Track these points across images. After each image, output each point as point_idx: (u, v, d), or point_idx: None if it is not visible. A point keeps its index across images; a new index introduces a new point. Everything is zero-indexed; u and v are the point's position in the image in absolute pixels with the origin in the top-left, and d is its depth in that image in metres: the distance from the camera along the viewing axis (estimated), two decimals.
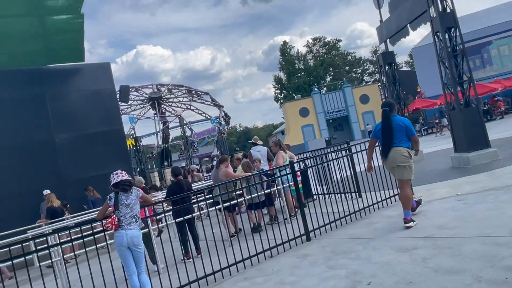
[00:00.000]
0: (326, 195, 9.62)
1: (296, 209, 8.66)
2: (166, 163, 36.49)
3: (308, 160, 9.17)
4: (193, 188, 10.84)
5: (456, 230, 5.04)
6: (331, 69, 76.07)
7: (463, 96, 9.72)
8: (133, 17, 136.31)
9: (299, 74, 75.05)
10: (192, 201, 7.17)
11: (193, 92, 39.04)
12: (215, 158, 38.22)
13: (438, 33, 9.71)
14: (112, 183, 4.89)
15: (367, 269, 4.53)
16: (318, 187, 10.10)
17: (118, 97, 16.37)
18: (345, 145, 9.01)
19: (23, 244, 5.03)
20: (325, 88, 66.81)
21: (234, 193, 7.68)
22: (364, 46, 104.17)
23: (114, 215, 4.78)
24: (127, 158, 13.84)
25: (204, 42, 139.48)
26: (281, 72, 77.08)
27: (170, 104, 38.63)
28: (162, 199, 6.57)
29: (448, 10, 9.61)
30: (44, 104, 12.18)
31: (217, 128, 37.50)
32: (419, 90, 35.30)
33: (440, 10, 9.66)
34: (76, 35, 10.10)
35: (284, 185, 8.02)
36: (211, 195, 6.97)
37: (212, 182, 8.73)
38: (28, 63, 11.50)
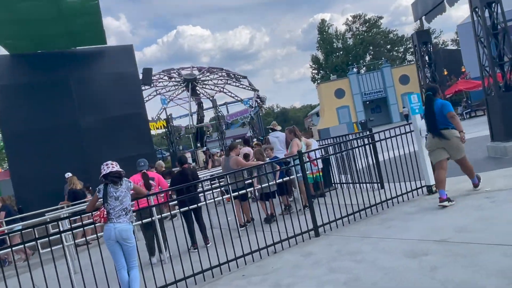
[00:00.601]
0: (348, 185, 9.13)
1: (312, 200, 8.25)
2: (199, 144, 36.84)
3: (326, 148, 8.72)
4: (207, 174, 10.71)
5: (476, 235, 4.47)
6: (371, 48, 73.14)
7: (503, 79, 8.79)
8: None
9: (337, 54, 72.88)
10: (199, 190, 6.95)
11: (232, 75, 38.96)
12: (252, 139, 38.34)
13: (477, 9, 8.75)
14: (101, 174, 4.70)
15: (369, 275, 4.11)
16: (339, 175, 9.60)
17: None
18: (368, 132, 8.47)
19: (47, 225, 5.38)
20: (364, 68, 64.60)
21: (245, 182, 7.39)
22: (409, 23, 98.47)
23: (103, 208, 4.60)
24: (150, 141, 13.84)
25: (243, 21, 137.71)
26: (319, 51, 75.16)
27: (204, 86, 38.75)
28: (159, 191, 6.35)
29: None
30: (68, 87, 12.31)
31: (249, 110, 37.22)
32: (463, 70, 33.14)
33: None
34: (94, 18, 9.97)
35: (298, 175, 7.65)
36: (215, 185, 6.69)
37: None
38: (52, 46, 11.60)
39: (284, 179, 7.69)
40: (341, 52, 72.62)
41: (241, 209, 7.71)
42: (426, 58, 12.60)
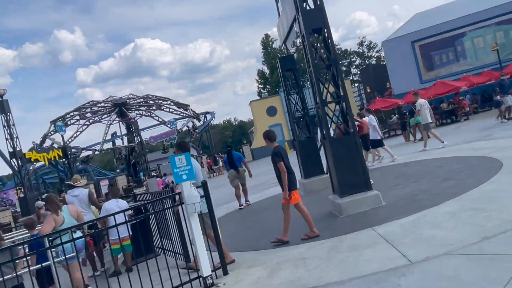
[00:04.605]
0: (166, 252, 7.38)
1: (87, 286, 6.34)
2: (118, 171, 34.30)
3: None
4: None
5: None
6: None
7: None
8: (131, 11, 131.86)
9: None
10: None
11: (153, 100, 37.71)
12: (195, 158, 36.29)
13: (304, 37, 7.29)
14: None
15: None
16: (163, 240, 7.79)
17: None
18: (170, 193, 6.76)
19: None
20: (309, 83, 64.28)
21: None
22: (358, 36, 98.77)
23: None
24: None
25: (203, 34, 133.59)
26: (265, 66, 74.67)
27: (134, 110, 36.90)
28: None
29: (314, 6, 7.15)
30: None
31: (175, 131, 35.34)
32: (388, 85, 32.81)
33: (308, 6, 7.23)
34: None
35: (60, 258, 5.75)
36: None
37: None
38: None
39: (43, 264, 5.75)
40: None
41: None
42: (292, 86, 11.22)
